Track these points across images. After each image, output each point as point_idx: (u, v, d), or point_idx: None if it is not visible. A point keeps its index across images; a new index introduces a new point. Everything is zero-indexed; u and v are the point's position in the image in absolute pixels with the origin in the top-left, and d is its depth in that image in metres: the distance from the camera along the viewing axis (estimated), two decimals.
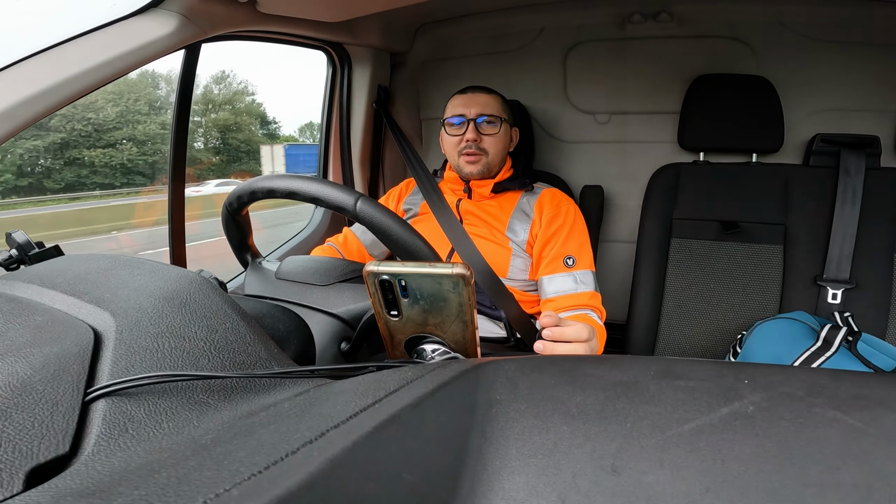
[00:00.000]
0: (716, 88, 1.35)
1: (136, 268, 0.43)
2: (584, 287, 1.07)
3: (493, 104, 1.18)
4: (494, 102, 1.19)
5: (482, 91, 1.20)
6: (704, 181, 1.36)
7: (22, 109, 0.72)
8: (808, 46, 1.36)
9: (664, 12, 1.41)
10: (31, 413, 0.27)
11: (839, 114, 1.36)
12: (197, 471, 0.21)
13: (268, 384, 0.35)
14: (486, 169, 1.17)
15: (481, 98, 1.18)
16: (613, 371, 0.30)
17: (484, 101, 1.18)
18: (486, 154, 1.17)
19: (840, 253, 1.23)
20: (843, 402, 0.25)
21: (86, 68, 0.78)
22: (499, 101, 1.20)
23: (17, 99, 0.71)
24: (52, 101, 0.75)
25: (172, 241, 1.17)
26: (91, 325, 0.35)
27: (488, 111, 1.17)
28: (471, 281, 0.42)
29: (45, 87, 0.74)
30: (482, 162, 1.17)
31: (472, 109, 1.17)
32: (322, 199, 0.67)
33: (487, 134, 1.16)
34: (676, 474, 0.22)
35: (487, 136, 1.16)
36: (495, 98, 1.20)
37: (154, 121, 5.37)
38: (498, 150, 1.18)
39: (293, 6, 1.09)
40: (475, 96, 1.18)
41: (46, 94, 0.74)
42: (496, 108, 1.18)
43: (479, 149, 1.16)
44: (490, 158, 1.17)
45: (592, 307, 1.05)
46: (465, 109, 1.17)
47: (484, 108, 1.17)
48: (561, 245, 1.12)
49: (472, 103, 1.17)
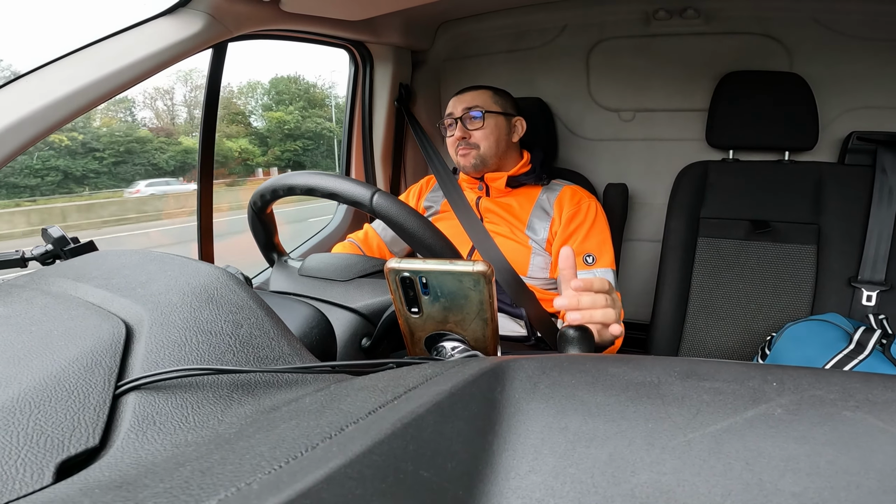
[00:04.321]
0: (746, 85, 1.32)
1: (166, 263, 0.44)
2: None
3: (479, 98, 1.20)
4: (481, 97, 1.20)
5: (471, 89, 1.23)
6: (734, 179, 1.33)
7: (62, 106, 0.75)
8: (843, 43, 1.31)
9: (690, 8, 1.39)
10: (64, 406, 0.28)
11: (875, 111, 1.32)
12: (220, 464, 0.21)
13: (290, 379, 0.36)
14: (479, 161, 1.19)
15: (467, 96, 1.21)
16: (636, 371, 0.30)
17: (469, 98, 1.20)
18: (478, 148, 1.18)
19: (876, 254, 1.19)
20: (876, 406, 0.24)
21: (119, 67, 0.80)
22: (487, 95, 1.21)
23: (56, 97, 0.74)
24: (88, 99, 0.78)
25: (201, 238, 1.20)
26: (123, 319, 0.36)
27: (473, 104, 1.19)
28: (491, 278, 0.42)
29: (81, 85, 0.77)
30: (473, 155, 1.19)
31: (459, 108, 1.20)
32: (339, 194, 0.67)
33: (474, 129, 1.18)
34: (697, 477, 0.21)
35: (474, 130, 1.18)
36: (482, 92, 1.21)
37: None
38: (490, 142, 1.19)
39: (316, 5, 1.10)
40: (462, 96, 1.22)
41: (84, 91, 0.77)
42: (483, 101, 1.20)
43: (469, 144, 1.18)
44: (482, 151, 1.18)
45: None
46: (453, 108, 1.21)
47: (469, 103, 1.19)
48: (580, 243, 1.11)
49: (460, 102, 1.21)
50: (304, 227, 1.71)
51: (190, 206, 5.37)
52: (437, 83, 1.74)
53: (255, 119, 7.76)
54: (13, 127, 0.70)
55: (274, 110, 7.74)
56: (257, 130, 7.60)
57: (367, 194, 0.66)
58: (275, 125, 7.57)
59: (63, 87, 0.75)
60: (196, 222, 1.19)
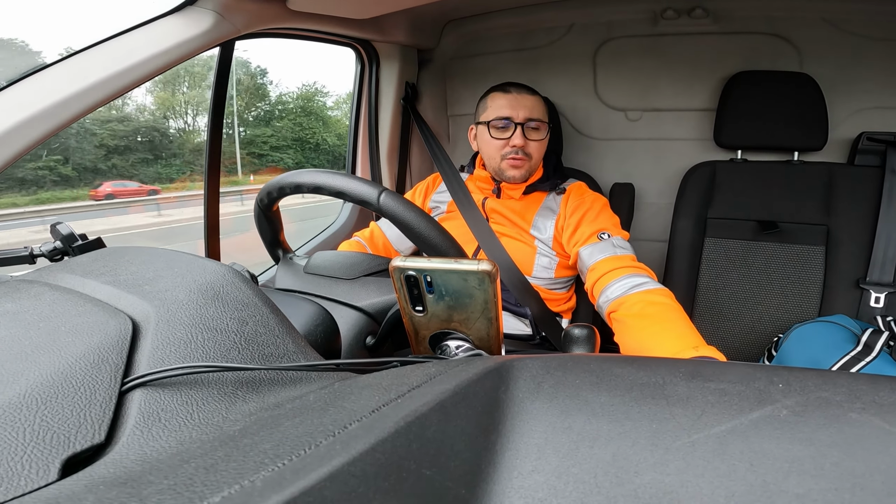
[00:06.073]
0: (755, 85, 1.31)
1: (173, 260, 0.44)
2: (622, 251, 1.01)
3: (539, 107, 1.15)
4: (540, 105, 1.15)
5: (527, 91, 1.15)
6: (742, 179, 1.32)
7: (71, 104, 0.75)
8: (853, 43, 1.30)
9: (699, 8, 1.38)
10: (70, 402, 0.28)
11: (886, 112, 1.30)
12: (224, 461, 0.21)
13: (294, 377, 0.36)
14: (528, 173, 1.16)
15: (528, 100, 1.13)
16: (641, 372, 0.30)
17: (531, 105, 1.13)
18: (531, 159, 1.14)
19: (884, 255, 1.18)
20: (882, 409, 0.24)
21: (127, 65, 0.81)
22: (542, 103, 1.17)
23: (66, 94, 0.75)
24: (98, 96, 0.78)
25: (207, 235, 1.20)
26: (130, 316, 0.36)
27: (536, 115, 1.13)
28: (496, 278, 0.42)
29: (91, 82, 0.77)
30: (526, 167, 1.15)
31: (520, 112, 1.12)
32: (346, 192, 0.67)
33: (534, 140, 1.14)
34: (701, 478, 0.21)
35: (533, 141, 1.13)
36: (539, 100, 1.16)
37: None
38: (540, 154, 1.17)
39: (323, 3, 1.10)
40: (521, 97, 1.13)
41: (93, 89, 0.77)
42: (541, 112, 1.15)
43: (525, 154, 1.13)
44: (533, 163, 1.16)
45: (637, 269, 0.97)
46: (513, 112, 1.12)
47: (531, 111, 1.13)
48: (590, 224, 1.08)
49: (519, 105, 1.12)
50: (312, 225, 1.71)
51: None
52: (444, 82, 1.74)
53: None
54: (24, 124, 0.71)
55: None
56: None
57: (375, 193, 0.66)
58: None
59: (72, 85, 0.76)
60: (203, 219, 1.20)
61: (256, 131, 7.87)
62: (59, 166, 5.33)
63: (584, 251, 1.05)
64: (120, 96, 0.81)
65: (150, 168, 6.42)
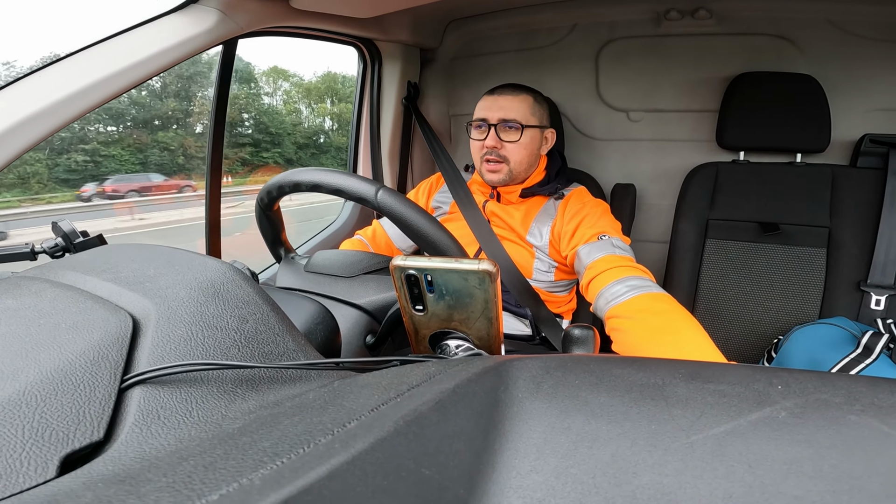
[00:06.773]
0: (758, 86, 1.30)
1: (174, 257, 0.45)
2: (621, 252, 0.97)
3: (518, 108, 1.10)
4: (520, 105, 1.11)
5: (509, 92, 1.12)
6: (744, 181, 1.32)
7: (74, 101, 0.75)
8: (857, 45, 1.30)
9: (702, 9, 1.37)
10: (69, 399, 0.28)
11: (889, 114, 1.30)
12: (223, 459, 0.21)
13: (294, 375, 0.36)
14: (507, 177, 1.13)
15: (505, 101, 1.11)
16: (640, 372, 0.30)
17: (507, 105, 1.10)
18: (508, 162, 1.11)
19: (886, 258, 1.18)
20: (881, 411, 0.24)
21: (131, 63, 0.81)
22: (526, 104, 1.12)
23: (69, 92, 0.75)
24: (100, 94, 0.78)
25: (208, 232, 1.20)
26: (130, 313, 0.36)
27: (511, 116, 1.09)
28: (497, 277, 0.42)
29: (93, 80, 0.77)
30: (503, 171, 1.12)
31: (495, 114, 1.10)
32: (344, 190, 0.67)
33: (508, 140, 1.10)
34: (699, 479, 0.21)
35: (508, 142, 1.10)
36: (522, 99, 1.11)
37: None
38: (521, 157, 1.12)
39: (325, 2, 1.10)
40: (499, 99, 1.11)
41: (96, 86, 0.77)
42: (520, 113, 1.10)
43: (500, 156, 1.11)
44: (512, 166, 1.12)
45: (637, 270, 0.92)
46: (488, 113, 1.11)
47: (507, 112, 1.10)
48: (590, 227, 1.05)
49: (496, 107, 1.11)
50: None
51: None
52: (446, 82, 1.73)
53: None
54: (27, 121, 0.71)
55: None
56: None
57: (372, 190, 0.66)
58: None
59: (76, 83, 0.76)
60: (204, 218, 1.20)
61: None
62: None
63: (582, 249, 1.02)
64: (124, 93, 0.82)
65: (316, 160, 10.62)
